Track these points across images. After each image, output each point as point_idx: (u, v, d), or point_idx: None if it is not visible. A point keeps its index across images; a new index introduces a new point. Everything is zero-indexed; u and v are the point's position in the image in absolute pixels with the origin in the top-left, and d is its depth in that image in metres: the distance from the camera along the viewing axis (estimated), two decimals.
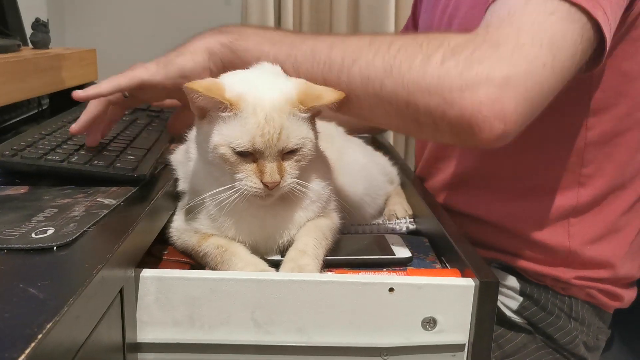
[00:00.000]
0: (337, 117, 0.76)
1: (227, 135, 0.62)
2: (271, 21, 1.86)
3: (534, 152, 0.86)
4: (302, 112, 0.64)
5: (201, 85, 0.62)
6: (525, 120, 0.61)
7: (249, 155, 0.63)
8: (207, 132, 0.64)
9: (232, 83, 0.65)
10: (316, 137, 0.68)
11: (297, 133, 0.64)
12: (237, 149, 0.62)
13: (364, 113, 0.67)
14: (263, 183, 0.63)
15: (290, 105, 0.64)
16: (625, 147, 0.84)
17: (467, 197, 0.95)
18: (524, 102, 0.59)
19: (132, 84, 0.71)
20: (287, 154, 0.64)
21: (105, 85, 0.71)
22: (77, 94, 0.71)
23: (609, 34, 0.64)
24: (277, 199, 0.66)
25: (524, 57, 0.58)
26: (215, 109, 0.63)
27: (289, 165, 0.64)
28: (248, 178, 0.63)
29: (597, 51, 0.66)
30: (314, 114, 0.67)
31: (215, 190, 0.65)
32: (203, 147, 0.66)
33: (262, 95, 0.63)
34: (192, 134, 0.74)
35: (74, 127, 0.73)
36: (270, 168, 0.63)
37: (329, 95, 0.64)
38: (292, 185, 0.65)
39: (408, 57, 0.60)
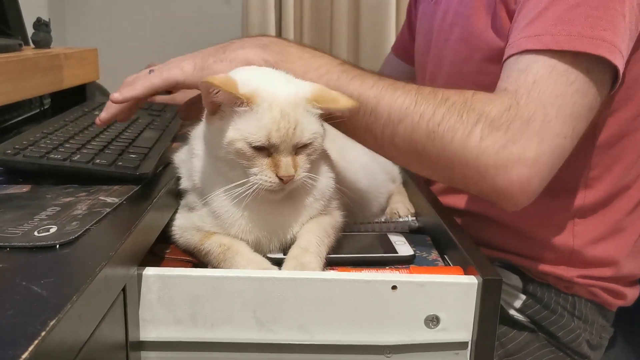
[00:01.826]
0: None
1: (243, 130, 0.63)
2: (272, 21, 1.86)
3: None
4: (315, 108, 0.65)
5: (219, 80, 0.62)
6: (544, 187, 0.68)
7: (264, 150, 0.64)
8: (219, 127, 0.65)
9: (246, 79, 0.65)
10: (325, 133, 0.68)
11: (310, 128, 0.65)
12: (254, 144, 0.63)
13: (399, 162, 0.79)
14: (278, 177, 0.63)
15: (305, 101, 0.65)
16: (632, 149, 0.84)
17: (471, 199, 0.95)
18: (547, 175, 0.67)
19: (166, 86, 0.72)
20: (299, 148, 0.65)
21: (140, 87, 0.72)
22: (115, 98, 0.72)
23: (622, 71, 0.69)
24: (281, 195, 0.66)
25: (550, 134, 0.65)
26: (230, 104, 0.64)
27: (301, 160, 0.66)
28: (263, 172, 0.64)
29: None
30: (325, 115, 0.67)
31: (230, 185, 0.65)
32: (214, 143, 0.66)
33: (276, 90, 0.64)
34: (195, 132, 0.74)
35: (103, 116, 0.73)
36: (285, 162, 0.64)
37: (344, 101, 0.66)
38: (304, 179, 0.66)
39: (450, 128, 0.66)
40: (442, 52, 0.97)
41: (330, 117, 0.67)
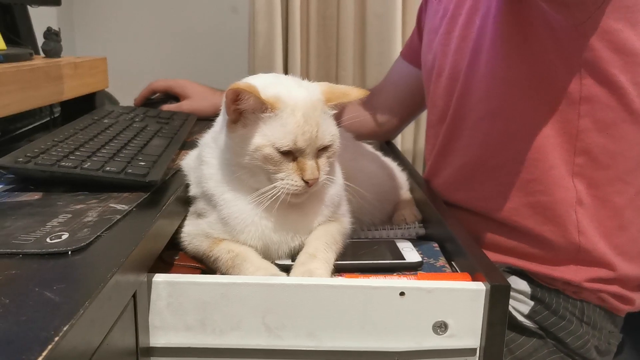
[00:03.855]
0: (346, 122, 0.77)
1: (270, 136, 0.64)
2: (279, 30, 1.87)
3: (528, 140, 0.87)
4: (330, 109, 0.67)
5: (247, 86, 0.63)
6: None
7: (290, 154, 0.65)
8: (243, 135, 0.66)
9: (263, 85, 0.66)
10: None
11: (330, 130, 0.67)
12: (282, 149, 0.64)
13: None
14: (304, 180, 0.64)
15: (321, 104, 0.66)
16: (620, 140, 0.84)
17: (473, 192, 0.95)
18: None
19: None
20: (320, 151, 0.66)
21: None
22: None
23: None
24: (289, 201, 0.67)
25: None
26: (255, 111, 0.65)
27: (322, 162, 0.67)
28: (289, 177, 0.65)
29: None
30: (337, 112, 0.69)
31: (256, 193, 0.66)
32: (237, 151, 0.67)
33: (295, 95, 0.66)
34: (204, 139, 0.75)
35: None
36: (311, 165, 0.65)
37: (354, 92, 0.68)
38: (324, 181, 0.67)
39: None
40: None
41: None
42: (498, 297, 0.59)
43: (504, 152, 0.91)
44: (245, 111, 0.65)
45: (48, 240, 0.52)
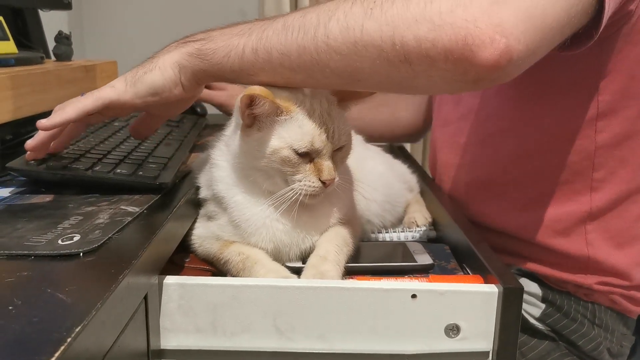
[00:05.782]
0: (356, 125, 0.76)
1: (287, 138, 0.64)
2: None
3: (542, 157, 0.86)
4: (342, 109, 0.68)
5: (262, 90, 0.62)
6: (529, 43, 0.55)
7: (307, 156, 0.65)
8: (259, 138, 0.65)
9: (276, 87, 0.66)
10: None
11: (344, 130, 0.67)
12: (300, 150, 0.64)
13: (350, 71, 0.59)
14: (321, 181, 0.65)
15: (335, 104, 0.67)
16: (639, 151, 0.83)
17: (480, 208, 0.94)
18: (525, 18, 0.54)
19: (98, 106, 0.67)
20: (335, 151, 0.67)
21: (71, 110, 0.67)
22: (42, 123, 0.66)
23: (608, 6, 0.62)
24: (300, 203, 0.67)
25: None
26: (271, 114, 0.64)
27: (337, 162, 0.67)
28: (307, 178, 0.65)
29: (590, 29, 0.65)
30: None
31: (274, 196, 0.66)
32: (252, 154, 0.67)
33: (309, 96, 0.66)
34: (214, 142, 0.75)
35: (30, 143, 0.69)
36: (327, 166, 0.65)
37: (365, 91, 0.68)
38: (339, 181, 0.67)
39: None
40: None
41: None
42: (511, 300, 0.58)
43: (515, 169, 0.89)
44: (259, 115, 0.65)
45: (60, 242, 0.52)
